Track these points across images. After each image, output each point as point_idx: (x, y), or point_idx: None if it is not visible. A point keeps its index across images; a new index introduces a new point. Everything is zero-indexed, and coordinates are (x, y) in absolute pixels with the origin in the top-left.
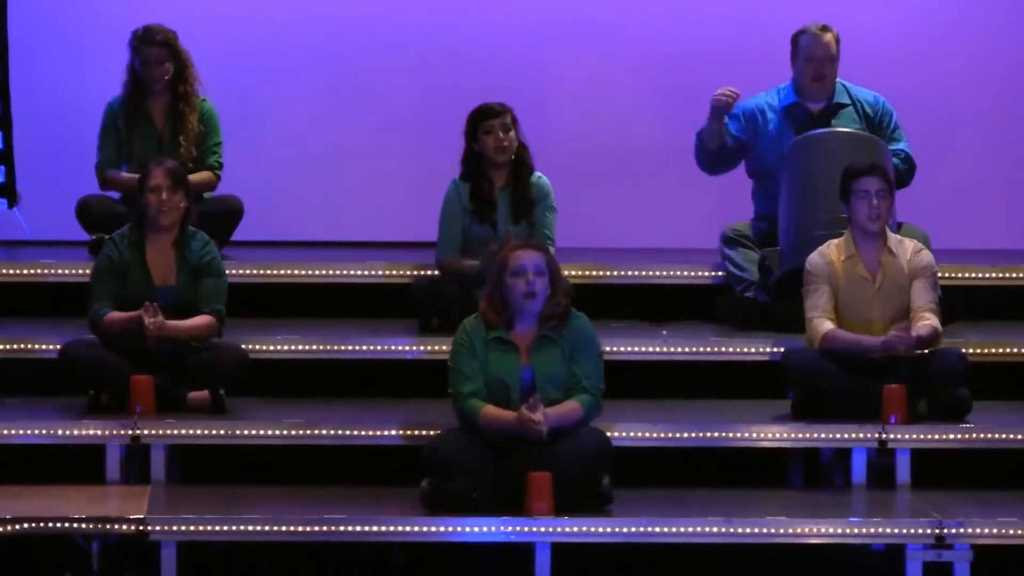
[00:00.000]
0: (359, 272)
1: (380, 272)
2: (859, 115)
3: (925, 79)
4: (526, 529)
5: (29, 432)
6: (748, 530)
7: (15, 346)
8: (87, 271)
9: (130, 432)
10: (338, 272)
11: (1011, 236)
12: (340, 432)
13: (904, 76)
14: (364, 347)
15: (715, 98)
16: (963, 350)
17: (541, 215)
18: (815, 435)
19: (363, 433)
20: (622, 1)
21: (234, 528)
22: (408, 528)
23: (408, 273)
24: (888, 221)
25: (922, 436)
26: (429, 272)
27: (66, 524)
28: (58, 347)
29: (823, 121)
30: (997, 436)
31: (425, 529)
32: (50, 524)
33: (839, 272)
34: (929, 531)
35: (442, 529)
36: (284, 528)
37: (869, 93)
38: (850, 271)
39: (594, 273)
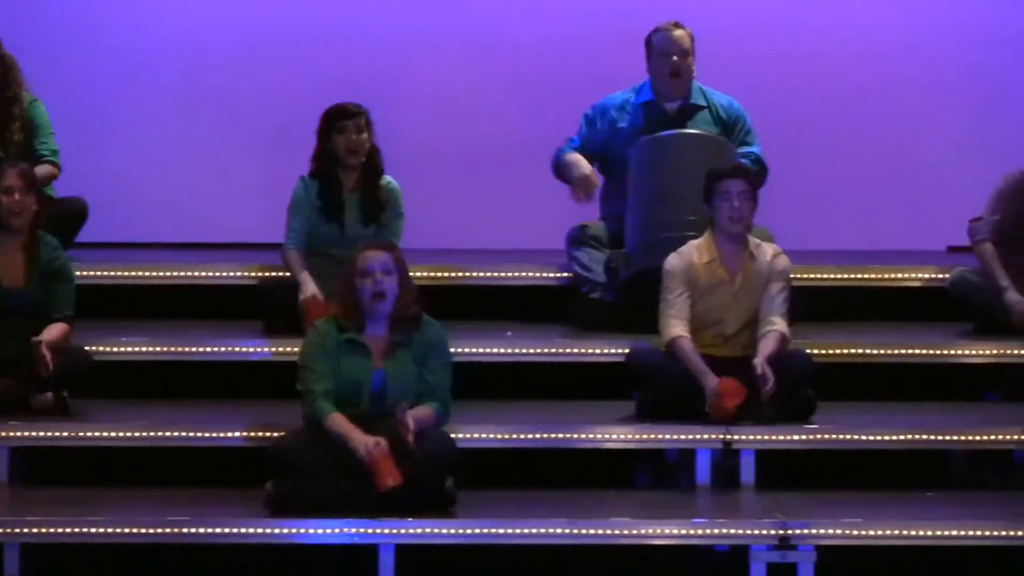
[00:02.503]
0: (206, 273)
1: (227, 273)
2: (714, 118)
3: (773, 81)
4: (370, 531)
5: None
6: (592, 531)
7: None
8: None
9: None
10: (185, 273)
11: (857, 238)
12: (185, 434)
13: (753, 76)
14: (210, 348)
15: (578, 197)
16: (808, 351)
17: (390, 220)
18: (659, 436)
19: (208, 435)
20: (476, 2)
21: (78, 530)
22: (253, 530)
23: (254, 274)
24: (751, 223)
25: (766, 437)
26: (276, 273)
27: None
28: None
29: (679, 121)
30: (842, 437)
31: (269, 531)
32: None
33: (700, 273)
34: (773, 532)
35: (286, 531)
36: (129, 530)
37: (724, 97)
38: (710, 273)
39: (442, 274)
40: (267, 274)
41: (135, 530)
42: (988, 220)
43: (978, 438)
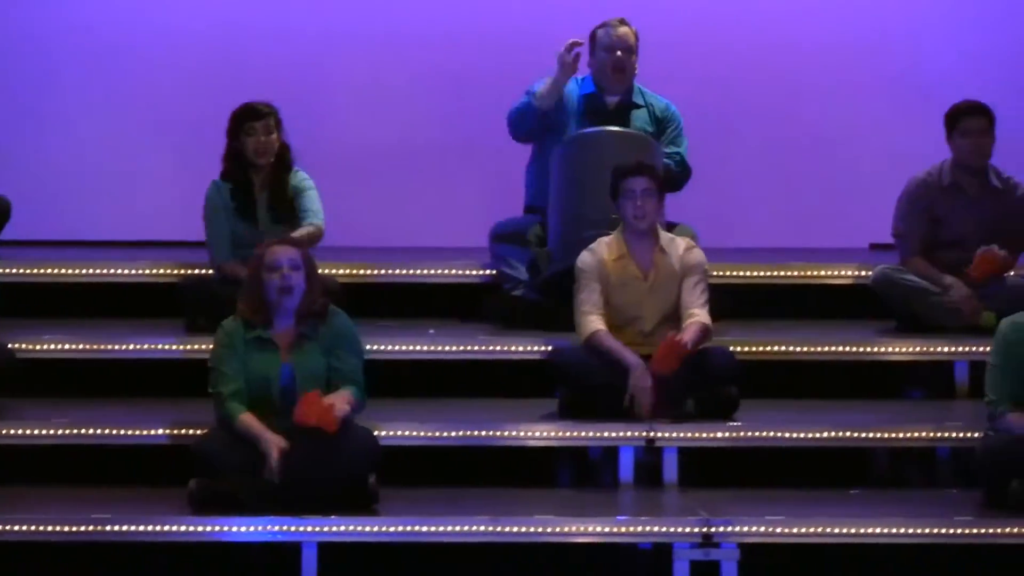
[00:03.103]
0: (126, 271)
1: (147, 271)
2: (651, 118)
3: (697, 79)
4: (293, 529)
5: None
6: (515, 529)
7: None
8: None
9: None
10: (105, 271)
11: (780, 235)
12: (107, 432)
13: (675, 73)
14: (131, 346)
15: (563, 53)
16: (731, 348)
17: (308, 203)
18: (582, 434)
19: (131, 433)
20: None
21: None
22: (175, 528)
23: (176, 272)
24: (656, 220)
25: (689, 434)
26: (197, 271)
27: None
28: None
29: (619, 116)
30: (765, 434)
31: (192, 529)
32: None
33: (610, 270)
34: (696, 530)
35: (209, 529)
36: (50, 528)
37: (662, 100)
38: (622, 269)
39: (363, 272)
40: (189, 272)
41: (56, 528)
42: (907, 237)
43: (900, 436)
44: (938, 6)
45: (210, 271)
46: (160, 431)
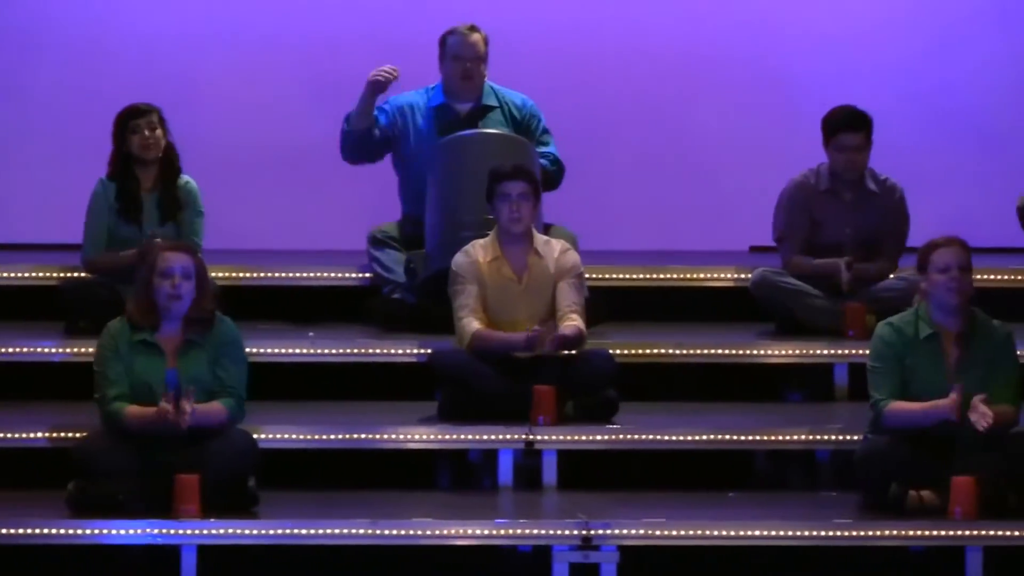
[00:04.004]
0: (7, 274)
1: (26, 274)
2: (506, 118)
3: (574, 82)
4: (172, 531)
5: None
6: (395, 532)
7: None
8: None
9: None
10: None
11: (660, 238)
12: None
13: (554, 77)
14: (11, 349)
15: (373, 75)
16: (610, 351)
17: (189, 219)
18: (462, 436)
19: (10, 435)
20: (268, 3)
21: None
22: (54, 531)
23: (56, 275)
24: (532, 223)
25: (569, 437)
26: (78, 274)
27: None
28: None
29: (470, 122)
30: (644, 437)
31: (71, 531)
32: None
33: (485, 273)
34: (576, 532)
35: (88, 531)
36: None
37: (518, 96)
38: (496, 272)
39: (243, 275)
40: (69, 275)
41: None
42: (786, 239)
43: (780, 438)
44: (813, 12)
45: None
46: (39, 434)
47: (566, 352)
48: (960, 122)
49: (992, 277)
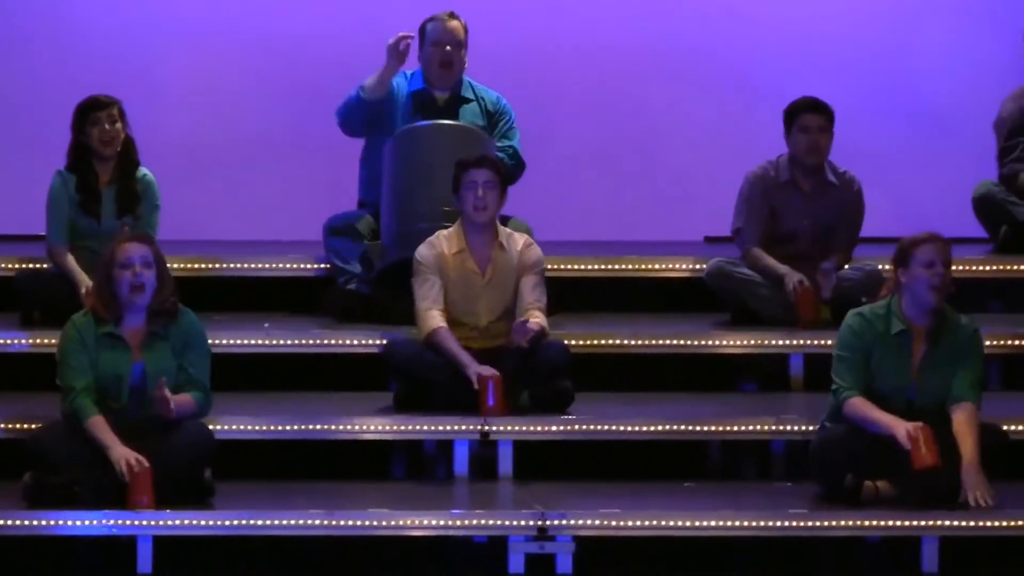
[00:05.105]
0: None
1: None
2: (482, 112)
3: (528, 72)
4: (128, 522)
5: None
6: (350, 523)
7: None
8: None
9: None
10: None
11: (615, 229)
12: None
13: (509, 69)
14: None
15: (393, 42)
16: (565, 341)
17: (147, 213)
18: (417, 427)
19: None
20: None
21: None
22: (9, 522)
23: (11, 266)
24: (496, 213)
25: (524, 428)
26: (33, 265)
27: None
28: None
29: (448, 110)
30: (599, 427)
31: (26, 523)
32: None
33: (449, 264)
34: (531, 523)
35: (43, 523)
36: None
37: (493, 93)
38: (460, 264)
39: (198, 266)
40: (24, 266)
41: None
42: (745, 229)
43: (735, 428)
44: (770, 5)
45: (45, 265)
46: None
47: (522, 344)
48: (917, 113)
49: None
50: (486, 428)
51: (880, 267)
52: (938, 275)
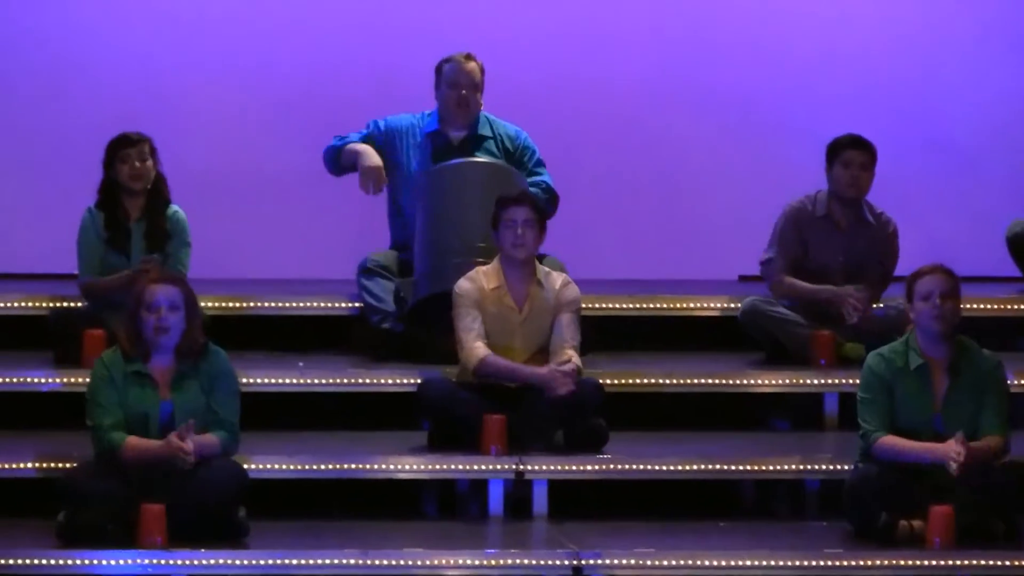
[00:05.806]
0: None
1: (16, 304)
2: (499, 149)
3: (563, 111)
4: (162, 562)
5: None
6: (385, 562)
7: None
8: None
9: None
10: None
11: (649, 267)
12: None
13: (542, 107)
14: (0, 379)
15: (366, 184)
16: (600, 380)
17: (176, 250)
18: (451, 466)
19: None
20: (253, 32)
21: None
22: (42, 561)
23: (45, 305)
24: (535, 250)
25: (559, 467)
26: (67, 304)
27: None
28: None
29: (464, 151)
30: (633, 467)
31: (61, 562)
32: None
33: (487, 299)
34: (566, 562)
35: (77, 562)
36: None
37: (511, 127)
38: (497, 299)
39: (231, 304)
40: (57, 304)
41: None
42: (776, 259)
43: (768, 467)
44: (803, 44)
45: (79, 303)
46: (29, 464)
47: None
48: (948, 151)
49: (980, 306)
50: (521, 468)
51: None
52: (935, 306)
